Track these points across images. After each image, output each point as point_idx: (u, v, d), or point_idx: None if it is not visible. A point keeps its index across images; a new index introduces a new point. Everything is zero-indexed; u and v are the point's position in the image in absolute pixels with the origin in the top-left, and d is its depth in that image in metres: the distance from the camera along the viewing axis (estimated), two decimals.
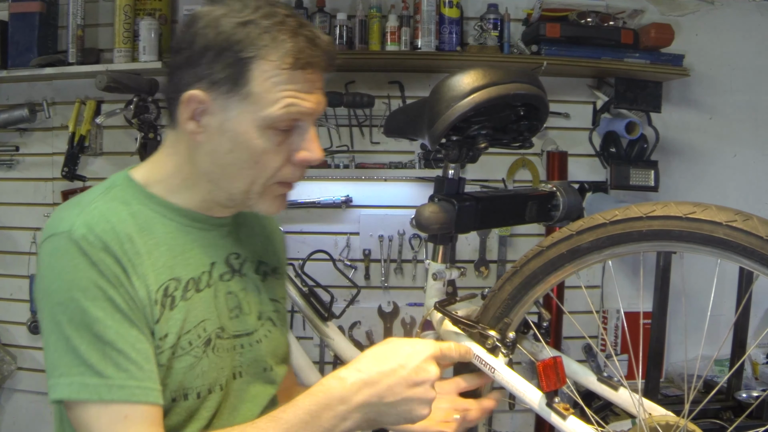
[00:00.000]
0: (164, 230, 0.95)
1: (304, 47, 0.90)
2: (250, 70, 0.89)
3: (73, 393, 0.84)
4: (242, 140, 0.91)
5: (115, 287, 0.86)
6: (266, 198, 0.97)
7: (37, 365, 2.52)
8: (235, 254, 1.05)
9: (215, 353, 0.96)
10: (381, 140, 2.42)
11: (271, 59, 0.88)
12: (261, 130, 0.91)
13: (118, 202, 0.93)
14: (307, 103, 0.92)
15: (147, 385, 0.86)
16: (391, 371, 0.86)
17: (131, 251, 0.89)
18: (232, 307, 1.01)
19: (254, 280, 1.08)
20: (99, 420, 0.84)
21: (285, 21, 0.90)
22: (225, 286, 1.01)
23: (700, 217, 0.81)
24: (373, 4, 2.35)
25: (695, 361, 2.13)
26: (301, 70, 0.90)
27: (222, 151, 0.93)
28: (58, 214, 0.91)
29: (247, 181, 0.94)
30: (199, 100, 0.91)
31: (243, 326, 1.02)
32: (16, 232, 2.52)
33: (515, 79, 1.04)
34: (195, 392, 0.93)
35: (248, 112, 0.90)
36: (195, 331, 0.94)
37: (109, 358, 0.85)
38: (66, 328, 0.85)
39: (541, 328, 1.07)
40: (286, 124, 0.92)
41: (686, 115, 2.55)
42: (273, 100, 0.90)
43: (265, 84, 0.89)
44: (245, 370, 1.01)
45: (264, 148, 0.92)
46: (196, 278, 0.97)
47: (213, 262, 1.00)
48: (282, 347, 1.11)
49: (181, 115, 0.93)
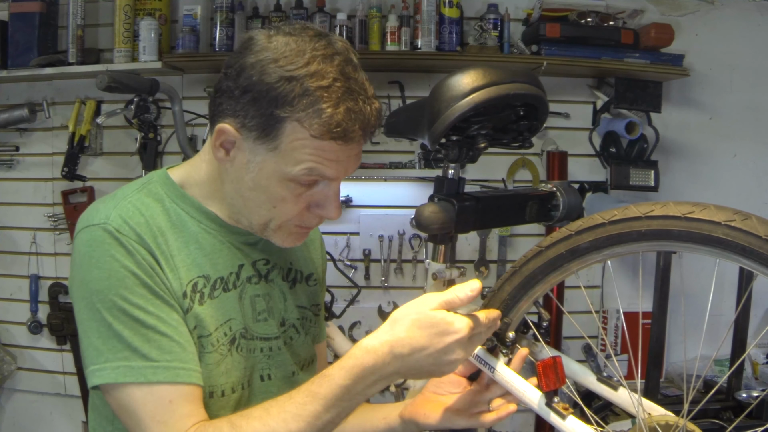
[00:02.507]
0: (195, 229, 0.98)
1: (342, 120, 0.87)
2: (282, 128, 0.88)
3: (119, 376, 0.86)
4: (263, 184, 0.92)
5: (151, 276, 0.89)
6: (282, 233, 0.98)
7: (37, 365, 2.53)
8: (264, 260, 1.06)
9: (239, 353, 0.97)
10: (381, 140, 2.42)
11: (304, 125, 0.87)
12: (282, 181, 0.92)
13: (152, 198, 0.96)
14: (330, 170, 0.91)
15: (191, 367, 0.89)
16: (418, 337, 0.84)
17: (164, 244, 0.92)
18: (260, 310, 1.03)
19: (281, 286, 1.09)
20: (145, 402, 0.86)
21: (332, 86, 0.86)
22: (252, 289, 1.02)
23: (698, 216, 0.81)
24: (373, 4, 2.35)
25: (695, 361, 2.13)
26: (333, 141, 0.88)
27: (245, 187, 0.94)
28: (94, 206, 0.94)
29: (265, 219, 0.96)
30: (230, 134, 0.91)
31: (268, 330, 1.03)
32: (16, 232, 2.53)
33: (515, 79, 1.04)
34: (220, 390, 0.94)
35: (273, 162, 0.90)
36: (222, 329, 0.96)
37: (153, 341, 0.87)
38: (106, 315, 0.86)
39: (540, 328, 1.07)
40: (307, 181, 0.92)
41: (686, 115, 2.55)
42: (297, 160, 0.89)
43: (293, 144, 0.88)
44: (273, 373, 1.03)
45: (283, 197, 0.93)
46: (224, 278, 0.98)
47: (241, 265, 1.02)
48: (305, 354, 1.11)
49: (214, 141, 0.94)
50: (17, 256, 2.52)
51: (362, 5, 2.37)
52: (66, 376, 2.50)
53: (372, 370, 0.85)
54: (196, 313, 0.93)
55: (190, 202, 0.99)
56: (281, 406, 0.87)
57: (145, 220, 0.92)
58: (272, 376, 1.03)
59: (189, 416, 0.87)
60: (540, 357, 1.07)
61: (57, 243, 2.50)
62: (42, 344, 2.52)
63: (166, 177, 1.01)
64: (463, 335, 0.85)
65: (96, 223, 0.90)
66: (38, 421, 2.56)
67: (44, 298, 2.49)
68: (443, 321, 0.85)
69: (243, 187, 0.95)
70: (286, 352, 1.06)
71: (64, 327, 2.45)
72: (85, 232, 0.90)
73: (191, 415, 0.87)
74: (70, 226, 2.44)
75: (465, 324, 0.85)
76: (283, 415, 0.86)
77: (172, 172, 1.02)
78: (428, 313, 0.86)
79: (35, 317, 2.50)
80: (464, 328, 0.85)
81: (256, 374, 1.01)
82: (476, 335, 0.89)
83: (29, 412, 2.56)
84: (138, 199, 0.95)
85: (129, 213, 0.91)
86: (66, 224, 2.46)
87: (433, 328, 0.85)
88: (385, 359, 0.85)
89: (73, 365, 2.47)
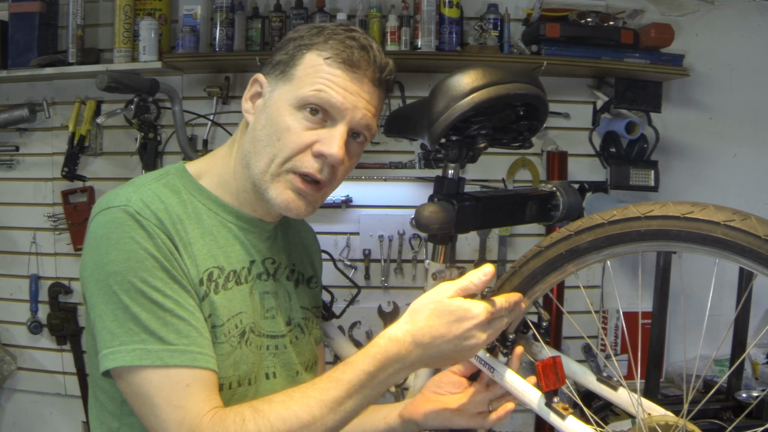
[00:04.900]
0: (210, 222, 0.99)
1: (353, 48, 0.97)
2: (302, 57, 0.98)
3: (135, 359, 0.85)
4: (274, 116, 0.97)
5: (170, 261, 0.89)
6: (279, 183, 0.97)
7: (37, 365, 2.53)
8: (271, 259, 1.07)
9: (248, 347, 0.98)
10: (381, 140, 2.42)
11: (320, 51, 0.97)
12: (292, 108, 0.96)
13: (169, 189, 0.97)
14: (337, 96, 0.95)
15: (208, 352, 0.89)
16: (439, 325, 0.88)
17: (182, 231, 0.93)
18: (268, 307, 1.04)
19: (287, 286, 1.10)
20: (161, 386, 0.85)
21: (351, 35, 0.99)
22: (261, 286, 1.04)
23: (698, 216, 0.81)
24: (373, 4, 2.35)
25: (695, 361, 2.13)
26: (342, 65, 0.96)
27: (258, 127, 0.98)
28: (113, 191, 0.94)
29: (268, 158, 0.97)
30: (259, 82, 1.01)
31: (276, 328, 1.04)
32: (16, 232, 2.52)
33: (515, 79, 1.04)
34: (228, 382, 0.94)
35: (287, 91, 0.97)
36: (233, 320, 0.96)
37: (171, 324, 0.86)
38: (124, 297, 0.86)
39: (540, 328, 1.07)
40: (315, 106, 0.95)
41: (686, 115, 2.55)
42: (309, 83, 0.96)
43: (307, 69, 0.97)
44: (279, 371, 1.03)
45: (288, 126, 0.96)
46: (236, 271, 0.99)
47: (252, 260, 1.03)
48: (308, 354, 1.12)
49: (247, 93, 1.03)
50: (17, 256, 2.52)
51: (362, 5, 2.37)
52: (66, 376, 2.50)
53: (396, 359, 0.88)
54: (212, 300, 0.93)
55: (206, 194, 1.00)
56: (304, 391, 0.87)
57: (164, 207, 0.93)
58: (277, 375, 1.03)
59: (206, 401, 0.86)
60: (540, 357, 1.07)
61: (57, 243, 2.50)
62: (42, 344, 2.52)
63: (183, 170, 1.02)
64: (481, 320, 0.88)
65: (116, 205, 0.90)
66: (38, 421, 2.56)
67: (44, 298, 2.49)
68: (460, 308, 0.88)
69: (257, 130, 0.98)
70: (291, 352, 1.06)
71: (64, 327, 2.45)
72: (103, 215, 0.90)
73: (208, 400, 0.86)
74: (70, 226, 2.44)
75: (482, 308, 0.88)
76: (306, 399, 0.86)
77: (189, 165, 1.04)
78: (445, 301, 0.89)
79: (35, 317, 2.50)
80: (482, 313, 0.88)
81: (262, 372, 1.01)
82: (496, 319, 0.91)
83: (29, 412, 2.56)
84: (157, 188, 0.96)
85: (149, 198, 0.92)
86: (66, 224, 2.46)
87: (450, 315, 0.88)
88: (409, 348, 0.88)
89: (73, 365, 2.47)
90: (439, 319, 0.88)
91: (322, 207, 2.41)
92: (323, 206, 2.43)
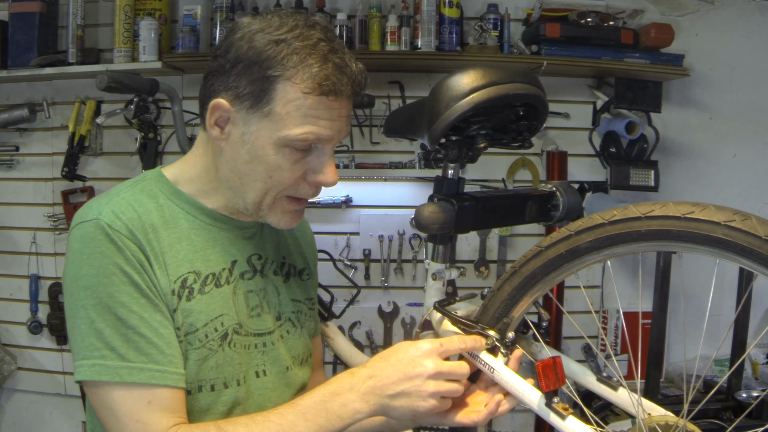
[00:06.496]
0: (188, 226, 0.98)
1: (331, 74, 0.90)
2: (274, 90, 0.91)
3: (95, 374, 0.87)
4: (259, 154, 0.94)
5: (139, 273, 0.90)
6: (276, 211, 0.99)
7: (37, 365, 2.53)
8: (257, 255, 1.07)
9: (232, 348, 0.98)
10: (381, 140, 2.43)
11: (295, 82, 0.90)
12: (278, 147, 0.93)
13: (145, 194, 0.97)
14: (326, 130, 0.93)
15: (167, 369, 0.89)
16: (389, 365, 0.91)
17: (155, 240, 0.93)
18: (253, 306, 1.04)
19: (275, 281, 1.10)
20: (123, 401, 0.87)
21: (317, 45, 0.91)
22: (245, 285, 1.03)
23: (698, 216, 0.81)
24: (373, 4, 2.35)
25: (695, 361, 2.13)
26: (324, 97, 0.91)
27: (240, 161, 0.95)
28: (88, 204, 0.95)
29: (260, 193, 0.97)
30: (223, 109, 0.94)
31: (263, 325, 1.04)
32: (16, 232, 2.53)
33: (515, 79, 1.04)
34: (209, 384, 0.95)
35: (267, 129, 0.92)
36: (212, 324, 0.96)
37: (132, 341, 0.88)
38: (91, 311, 0.88)
39: (540, 328, 1.07)
40: (303, 146, 0.94)
41: (686, 115, 2.55)
42: (292, 123, 0.92)
43: (287, 106, 0.91)
44: (269, 369, 1.04)
45: (279, 165, 0.94)
46: (216, 273, 0.99)
47: (234, 261, 1.02)
48: (301, 348, 1.12)
49: (208, 120, 0.96)
50: (17, 256, 2.52)
51: (362, 5, 2.37)
52: (66, 376, 2.50)
53: (349, 387, 0.90)
54: (184, 308, 0.93)
55: (185, 198, 1.00)
56: (266, 416, 0.90)
57: (137, 216, 0.93)
58: (267, 372, 1.03)
59: (169, 417, 0.88)
60: (540, 357, 1.07)
61: (57, 243, 2.50)
62: (42, 344, 2.52)
63: (160, 175, 1.02)
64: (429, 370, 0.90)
65: (88, 219, 0.91)
66: (38, 421, 2.56)
67: (44, 298, 2.49)
68: (415, 354, 0.91)
69: (239, 163, 0.95)
70: (280, 347, 1.06)
71: (64, 327, 2.43)
72: (77, 229, 0.91)
73: (171, 417, 0.89)
74: None
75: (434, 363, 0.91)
76: (267, 423, 0.89)
77: (166, 171, 1.03)
78: (407, 346, 0.93)
79: (35, 317, 2.50)
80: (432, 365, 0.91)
81: (252, 371, 1.01)
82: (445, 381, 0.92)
83: (29, 412, 2.56)
84: (131, 195, 0.96)
85: (121, 208, 0.92)
86: (66, 224, 2.46)
87: (406, 357, 0.92)
88: (362, 378, 0.91)
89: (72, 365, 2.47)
90: (395, 356, 0.92)
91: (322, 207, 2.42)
92: (323, 206, 2.47)
